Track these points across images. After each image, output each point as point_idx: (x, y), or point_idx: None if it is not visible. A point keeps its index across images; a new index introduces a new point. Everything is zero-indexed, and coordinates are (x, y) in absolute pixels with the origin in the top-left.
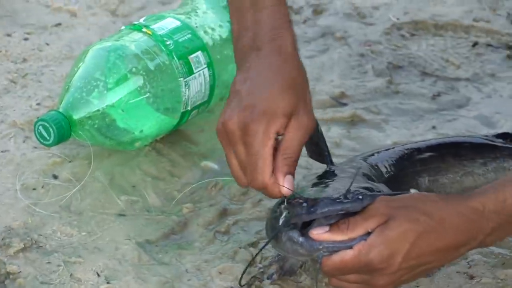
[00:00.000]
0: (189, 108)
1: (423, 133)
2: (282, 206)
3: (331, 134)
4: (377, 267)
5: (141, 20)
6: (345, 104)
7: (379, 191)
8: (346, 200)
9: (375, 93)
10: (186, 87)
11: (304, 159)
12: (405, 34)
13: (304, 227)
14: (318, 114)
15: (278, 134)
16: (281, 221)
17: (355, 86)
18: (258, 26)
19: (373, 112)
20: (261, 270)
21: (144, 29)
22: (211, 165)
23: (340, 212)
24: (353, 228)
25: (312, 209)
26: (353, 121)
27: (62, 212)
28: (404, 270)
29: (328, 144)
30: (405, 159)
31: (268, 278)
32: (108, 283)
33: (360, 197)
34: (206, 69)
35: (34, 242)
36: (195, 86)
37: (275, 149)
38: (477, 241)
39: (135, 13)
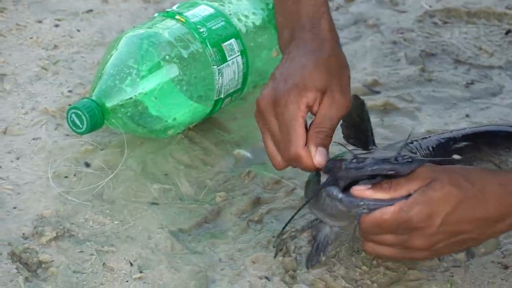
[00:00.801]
0: (222, 96)
1: (456, 122)
2: (324, 169)
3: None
4: (417, 225)
5: (174, 7)
6: (378, 92)
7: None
8: (396, 162)
9: (408, 81)
10: (220, 75)
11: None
12: (437, 22)
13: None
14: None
15: (310, 109)
16: (323, 181)
17: (387, 74)
18: (297, 17)
19: (406, 100)
20: (293, 233)
21: (177, 16)
22: (244, 153)
23: (388, 173)
24: (395, 188)
25: (361, 165)
26: (386, 109)
27: (94, 201)
28: (442, 235)
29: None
30: (441, 148)
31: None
32: (141, 272)
33: (410, 160)
34: (240, 56)
35: (66, 230)
36: (229, 73)
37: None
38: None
39: None
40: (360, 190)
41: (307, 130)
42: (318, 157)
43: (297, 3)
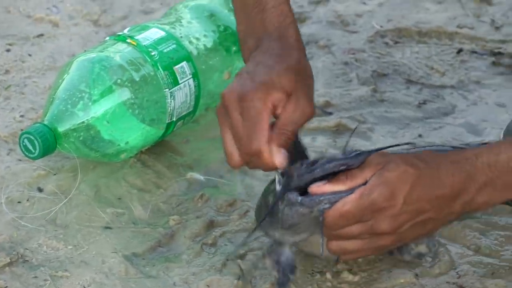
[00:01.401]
0: (174, 119)
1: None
2: (276, 179)
3: (317, 143)
4: (381, 206)
5: (125, 31)
6: (330, 113)
7: None
8: (345, 156)
9: (360, 101)
10: (172, 98)
11: None
12: (389, 42)
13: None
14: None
15: (273, 110)
16: (277, 190)
17: (339, 94)
18: (262, 26)
19: (358, 120)
20: (252, 264)
21: (128, 40)
22: (197, 176)
23: (341, 168)
24: (351, 178)
25: (313, 167)
26: (339, 130)
27: (48, 226)
28: (405, 215)
29: (313, 154)
30: None
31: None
32: None
33: (358, 152)
34: (191, 79)
35: (20, 256)
36: (181, 96)
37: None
38: (469, 194)
39: (118, 23)
40: (318, 187)
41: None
42: (278, 157)
43: (262, 13)
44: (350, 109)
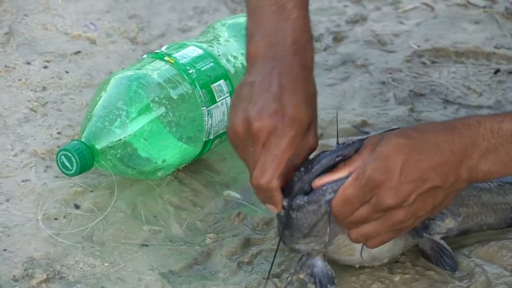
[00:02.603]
0: (211, 137)
1: None
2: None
3: None
4: (377, 181)
5: (163, 49)
6: (367, 133)
7: None
8: (338, 147)
9: (397, 121)
10: (209, 116)
11: None
12: (426, 62)
13: None
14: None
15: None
16: (285, 203)
17: (376, 114)
18: (280, 35)
19: None
20: (289, 279)
21: (166, 58)
22: (234, 194)
23: (337, 159)
24: (349, 164)
25: (310, 167)
26: None
27: (84, 243)
28: (407, 184)
29: None
30: None
31: None
32: None
33: (351, 142)
34: (229, 97)
35: (56, 273)
36: (218, 115)
37: None
38: (473, 160)
39: (155, 40)
40: (319, 180)
41: None
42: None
43: (281, 22)
44: (387, 128)
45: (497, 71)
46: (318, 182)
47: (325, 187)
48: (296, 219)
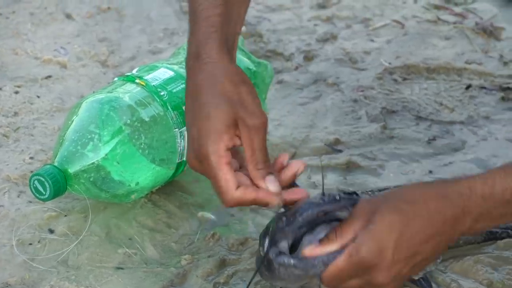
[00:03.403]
0: (184, 159)
1: (420, 178)
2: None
3: (327, 181)
4: (371, 263)
5: (134, 71)
6: (340, 151)
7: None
8: (323, 202)
9: (370, 138)
10: (181, 138)
11: None
12: (397, 78)
13: (294, 251)
14: (314, 161)
15: (234, 146)
16: (265, 246)
17: (349, 132)
18: (190, 43)
19: (368, 158)
20: None
21: (137, 80)
22: (208, 215)
23: (319, 215)
24: (341, 235)
25: (292, 219)
26: (349, 168)
27: (59, 267)
28: (399, 264)
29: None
30: None
31: None
32: None
33: (337, 197)
34: None
35: None
36: None
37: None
38: (465, 225)
39: (126, 63)
40: (310, 250)
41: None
42: (271, 187)
43: (194, 26)
44: (360, 146)
45: (468, 87)
46: (309, 253)
47: (315, 261)
48: (277, 271)
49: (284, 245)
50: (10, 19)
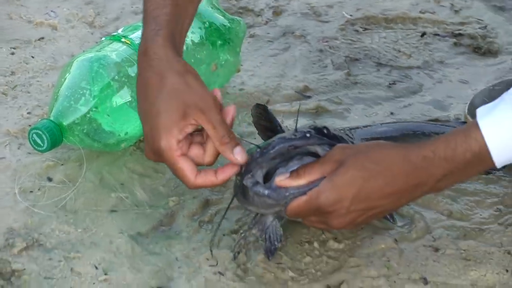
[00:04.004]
0: None
1: (382, 119)
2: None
3: (298, 125)
4: (327, 209)
5: (119, 31)
6: (309, 97)
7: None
8: (294, 137)
9: (335, 85)
10: None
11: None
12: (358, 29)
13: (268, 180)
14: (286, 107)
15: (191, 134)
16: (244, 178)
17: (317, 79)
18: (140, 41)
19: (335, 102)
20: (243, 235)
21: (123, 39)
22: None
23: (289, 148)
24: (310, 173)
25: (265, 151)
26: (318, 112)
27: (59, 212)
28: (355, 213)
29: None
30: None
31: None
32: (105, 274)
33: (307, 135)
34: None
35: (35, 241)
36: None
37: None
38: (428, 185)
39: (111, 23)
40: (282, 181)
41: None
42: (239, 158)
43: (145, 17)
44: (327, 92)
45: (423, 34)
46: (281, 183)
47: (287, 193)
48: (252, 199)
49: (259, 174)
50: None
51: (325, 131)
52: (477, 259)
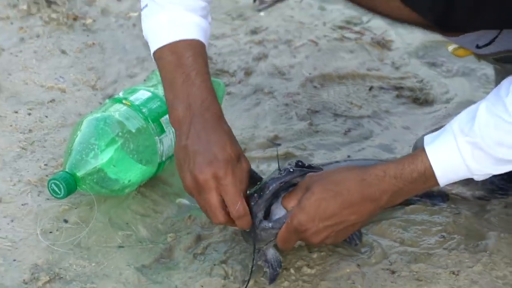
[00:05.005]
0: (163, 159)
1: (341, 161)
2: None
3: (271, 168)
4: (301, 229)
5: (120, 94)
6: (279, 144)
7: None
8: (282, 175)
9: (300, 133)
10: (160, 143)
11: None
12: (316, 85)
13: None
14: (260, 154)
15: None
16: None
17: (284, 129)
18: (191, 98)
19: (301, 148)
20: (253, 268)
21: (124, 101)
22: (184, 201)
23: (281, 185)
24: (289, 200)
25: (262, 193)
26: (287, 157)
27: (75, 249)
28: (326, 230)
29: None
30: None
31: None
32: None
33: (291, 170)
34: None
35: (56, 274)
36: (167, 141)
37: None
38: (382, 200)
39: (110, 86)
40: (278, 209)
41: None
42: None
43: (190, 87)
44: (294, 140)
45: (371, 88)
46: (281, 210)
47: (284, 219)
48: (260, 235)
49: (261, 215)
50: (18, 57)
51: (300, 163)
52: (427, 279)
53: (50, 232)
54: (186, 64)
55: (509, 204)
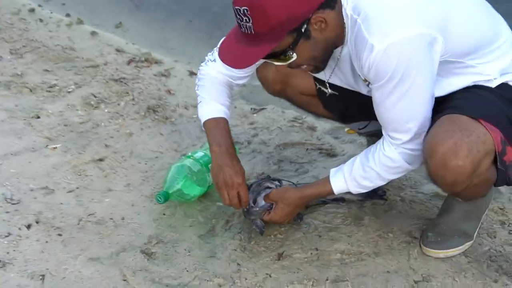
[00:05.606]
0: (209, 184)
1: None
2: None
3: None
4: (274, 220)
5: (189, 153)
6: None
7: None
8: (260, 181)
9: (273, 171)
10: (208, 175)
11: None
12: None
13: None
14: (252, 179)
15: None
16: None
17: (266, 169)
18: (222, 141)
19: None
20: (254, 226)
21: (191, 157)
22: (219, 204)
23: (263, 184)
24: (268, 198)
25: (252, 189)
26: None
27: (170, 227)
28: (284, 218)
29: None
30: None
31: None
32: None
33: (267, 178)
34: None
35: (159, 240)
36: (210, 175)
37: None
38: (305, 203)
39: (184, 150)
40: (262, 199)
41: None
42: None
43: (219, 137)
44: (270, 172)
45: (307, 149)
46: (262, 201)
47: (264, 207)
48: (252, 213)
49: (251, 202)
50: None
51: (269, 176)
52: (337, 239)
53: (158, 218)
54: (219, 127)
55: (375, 203)
